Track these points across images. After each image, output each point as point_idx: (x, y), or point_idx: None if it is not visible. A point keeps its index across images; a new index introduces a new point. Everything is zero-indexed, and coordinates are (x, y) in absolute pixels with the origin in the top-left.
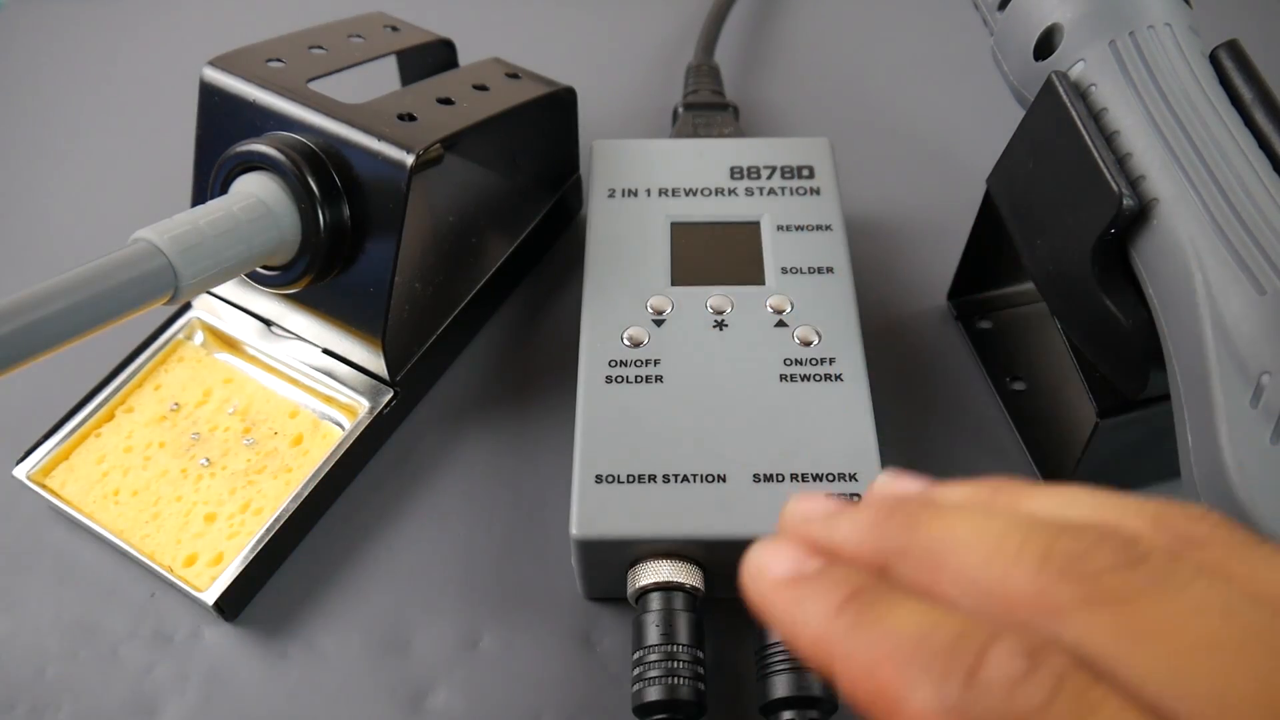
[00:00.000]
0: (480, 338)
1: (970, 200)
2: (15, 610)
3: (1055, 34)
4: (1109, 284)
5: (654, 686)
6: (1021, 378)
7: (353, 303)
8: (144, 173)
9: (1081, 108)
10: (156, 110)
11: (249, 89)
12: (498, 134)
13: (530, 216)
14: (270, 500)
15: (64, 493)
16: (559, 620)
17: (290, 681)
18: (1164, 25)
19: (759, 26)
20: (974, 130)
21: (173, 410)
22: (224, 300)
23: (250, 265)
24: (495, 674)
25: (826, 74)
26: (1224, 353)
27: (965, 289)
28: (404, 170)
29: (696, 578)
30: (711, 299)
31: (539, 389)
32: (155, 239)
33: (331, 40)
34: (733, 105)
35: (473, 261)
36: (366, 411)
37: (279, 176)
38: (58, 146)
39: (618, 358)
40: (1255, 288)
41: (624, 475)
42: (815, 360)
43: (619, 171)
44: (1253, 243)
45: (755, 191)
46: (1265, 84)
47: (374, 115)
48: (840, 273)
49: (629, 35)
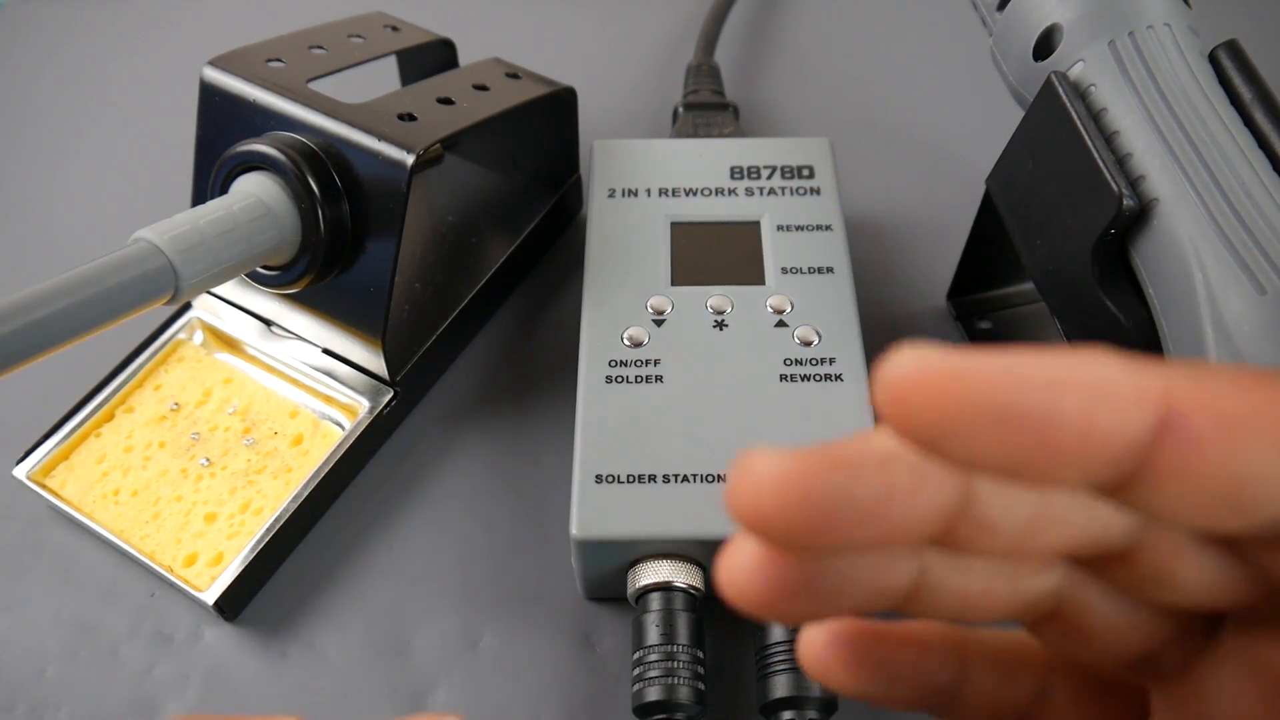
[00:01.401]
0: (480, 338)
1: (970, 200)
2: (15, 610)
3: (1054, 34)
4: (1109, 284)
5: (654, 687)
6: None
7: (353, 303)
8: (144, 173)
9: (1081, 108)
10: (156, 110)
11: (249, 89)
12: (498, 134)
13: (530, 216)
14: (270, 500)
15: (64, 493)
16: (559, 620)
17: (290, 681)
18: (1163, 25)
19: (759, 26)
20: (974, 130)
21: (173, 410)
22: (224, 300)
23: (250, 265)
24: (495, 674)
25: (826, 74)
26: (1224, 353)
27: (965, 289)
28: (404, 170)
29: (696, 578)
30: (711, 299)
31: (539, 389)
32: (155, 239)
33: (331, 40)
34: (733, 105)
35: (473, 261)
36: (366, 411)
37: (279, 176)
38: (58, 146)
39: (618, 358)
40: (1255, 288)
41: (624, 475)
42: (815, 360)
43: (619, 171)
44: (1253, 243)
45: (755, 191)
46: (1265, 84)
47: (374, 115)
48: (840, 273)
49: (629, 35)
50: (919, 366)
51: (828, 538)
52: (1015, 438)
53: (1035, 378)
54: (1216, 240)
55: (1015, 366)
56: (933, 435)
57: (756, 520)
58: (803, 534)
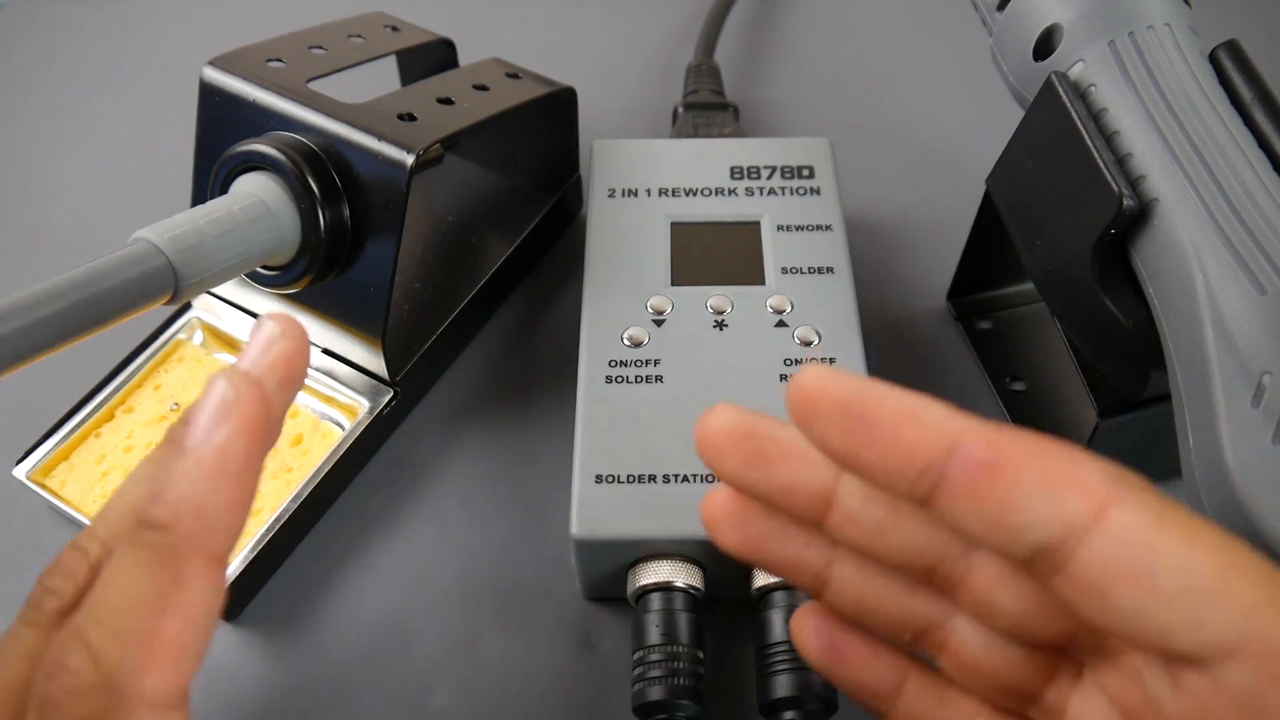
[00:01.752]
0: (480, 338)
1: (970, 200)
2: (15, 610)
3: (1055, 34)
4: (1109, 284)
5: (654, 686)
6: (1021, 378)
7: (353, 303)
8: (144, 173)
9: (1081, 108)
10: (156, 110)
11: (249, 89)
12: (498, 134)
13: (530, 216)
14: (270, 500)
15: (64, 493)
16: (559, 620)
17: (290, 681)
18: (1163, 25)
19: (759, 26)
20: (974, 130)
21: (173, 410)
22: (224, 300)
23: (250, 265)
24: (495, 674)
25: (826, 74)
26: (1225, 353)
27: (965, 289)
28: (404, 170)
29: (696, 578)
30: (711, 299)
31: (539, 389)
32: (155, 239)
33: (331, 40)
34: (733, 105)
35: (473, 261)
36: (366, 411)
37: (279, 176)
38: (57, 146)
39: (618, 358)
40: (1255, 288)
41: (624, 475)
42: (815, 360)
43: (619, 171)
44: (1253, 243)
45: (755, 191)
46: (1265, 84)
47: (374, 115)
48: (840, 273)
49: (629, 35)
50: (813, 375)
51: (753, 470)
52: (851, 429)
53: (878, 396)
54: (1216, 240)
55: (869, 387)
56: (807, 419)
57: (710, 443)
58: (736, 463)
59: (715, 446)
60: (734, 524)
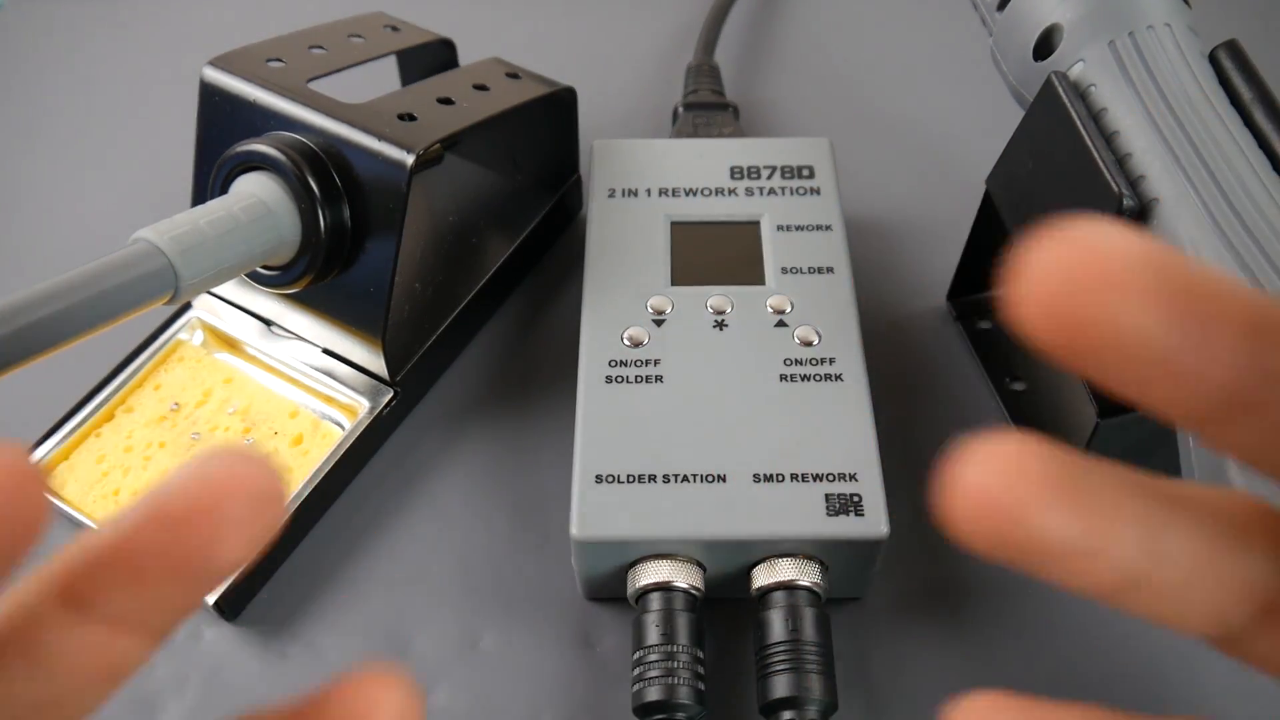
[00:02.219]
0: (480, 338)
1: (970, 200)
2: None
3: (1055, 34)
4: None
5: (654, 687)
6: (1021, 378)
7: (353, 303)
8: (144, 173)
9: (1081, 108)
10: (156, 110)
11: (249, 89)
12: (498, 134)
13: (530, 216)
14: None
15: (64, 493)
16: (559, 620)
17: (290, 681)
18: (1163, 25)
19: (759, 26)
20: (974, 130)
21: (173, 410)
22: (224, 300)
23: (250, 265)
24: (495, 674)
25: (826, 74)
26: None
27: (965, 289)
28: (404, 170)
29: (696, 578)
30: (711, 299)
31: (539, 389)
32: (155, 239)
33: (331, 40)
34: (733, 105)
35: (473, 261)
36: (366, 411)
37: (279, 176)
38: (57, 146)
39: (618, 358)
40: (1255, 288)
41: (624, 475)
42: (815, 360)
43: (619, 171)
44: (1253, 243)
45: (755, 191)
46: (1265, 84)
47: (374, 115)
48: (840, 273)
49: (629, 35)
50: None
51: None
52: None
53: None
54: (1216, 240)
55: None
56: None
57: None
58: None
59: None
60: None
